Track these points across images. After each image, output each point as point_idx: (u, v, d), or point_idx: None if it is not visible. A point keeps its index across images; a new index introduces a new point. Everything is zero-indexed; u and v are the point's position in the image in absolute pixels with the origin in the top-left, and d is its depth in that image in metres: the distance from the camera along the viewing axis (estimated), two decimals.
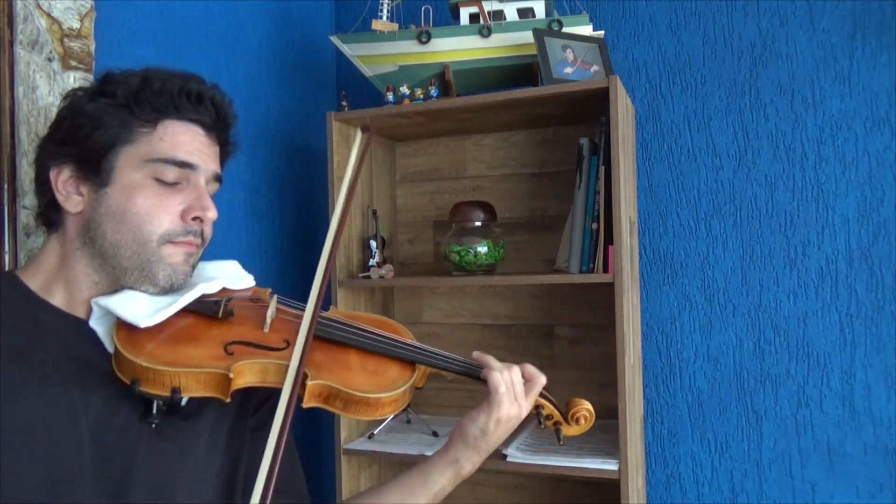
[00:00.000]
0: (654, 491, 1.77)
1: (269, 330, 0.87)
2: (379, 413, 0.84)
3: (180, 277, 0.85)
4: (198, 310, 0.85)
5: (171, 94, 0.84)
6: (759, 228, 1.69)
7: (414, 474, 0.94)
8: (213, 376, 0.78)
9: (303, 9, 2.00)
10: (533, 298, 1.85)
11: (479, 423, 0.89)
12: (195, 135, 0.86)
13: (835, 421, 1.62)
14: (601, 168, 1.49)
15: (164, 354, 0.78)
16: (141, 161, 0.82)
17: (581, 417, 0.96)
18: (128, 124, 0.82)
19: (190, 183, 0.85)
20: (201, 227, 0.86)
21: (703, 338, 1.74)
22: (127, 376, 0.77)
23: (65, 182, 0.83)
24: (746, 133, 1.70)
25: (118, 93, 0.83)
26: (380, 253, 1.73)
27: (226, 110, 0.90)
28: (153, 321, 0.79)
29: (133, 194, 0.81)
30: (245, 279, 0.97)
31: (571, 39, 1.57)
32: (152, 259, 0.82)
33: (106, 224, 0.81)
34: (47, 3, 1.17)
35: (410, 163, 1.99)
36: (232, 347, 0.82)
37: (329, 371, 0.83)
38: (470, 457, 0.92)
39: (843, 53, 1.63)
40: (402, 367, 0.90)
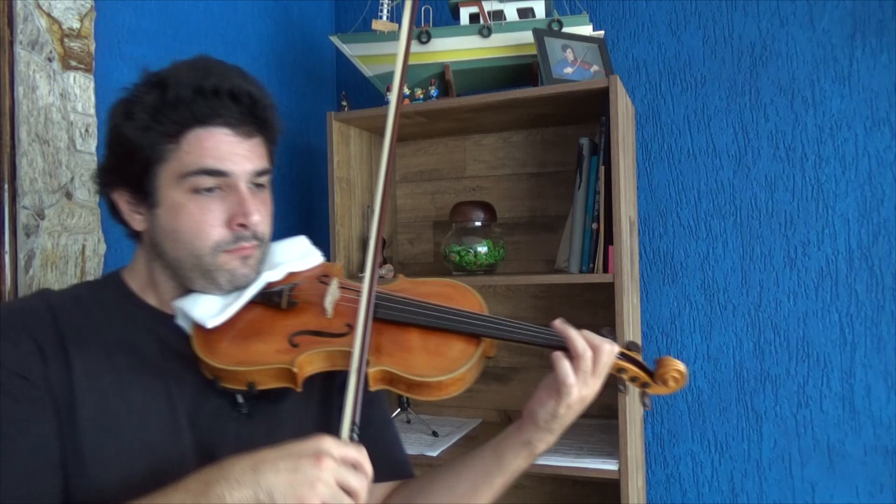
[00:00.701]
0: (654, 491, 1.77)
1: (331, 315, 0.87)
2: (444, 393, 0.82)
3: (241, 280, 0.87)
4: (264, 301, 0.88)
5: (186, 104, 0.81)
6: (759, 228, 1.69)
7: (488, 455, 0.91)
8: (280, 371, 0.80)
9: (303, 9, 2.00)
10: (533, 298, 1.85)
11: (549, 409, 0.84)
12: (221, 137, 0.83)
13: (835, 421, 1.62)
14: (601, 168, 1.49)
15: (235, 353, 0.82)
16: (176, 178, 0.82)
17: (670, 378, 0.85)
18: (155, 144, 0.82)
19: (230, 188, 0.84)
20: (251, 231, 0.85)
21: (703, 338, 1.74)
22: (208, 374, 0.82)
23: (126, 204, 0.87)
24: (746, 133, 1.70)
25: (139, 115, 0.82)
26: (380, 253, 1.73)
27: (249, 98, 0.85)
28: (219, 320, 0.84)
29: (178, 213, 0.83)
30: (312, 256, 0.98)
31: (571, 39, 1.57)
32: (211, 268, 0.84)
33: (164, 242, 0.85)
34: (47, 3, 1.17)
35: (410, 163, 1.99)
36: (297, 339, 0.83)
37: (389, 355, 0.82)
38: (542, 437, 0.87)
39: (843, 53, 1.63)
40: (465, 342, 0.85)
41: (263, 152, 0.89)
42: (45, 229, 1.16)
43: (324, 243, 1.73)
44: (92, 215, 1.25)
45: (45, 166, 1.16)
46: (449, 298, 0.92)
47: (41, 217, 1.15)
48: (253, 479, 0.70)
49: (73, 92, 1.22)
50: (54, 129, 1.18)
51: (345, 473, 0.70)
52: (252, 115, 0.86)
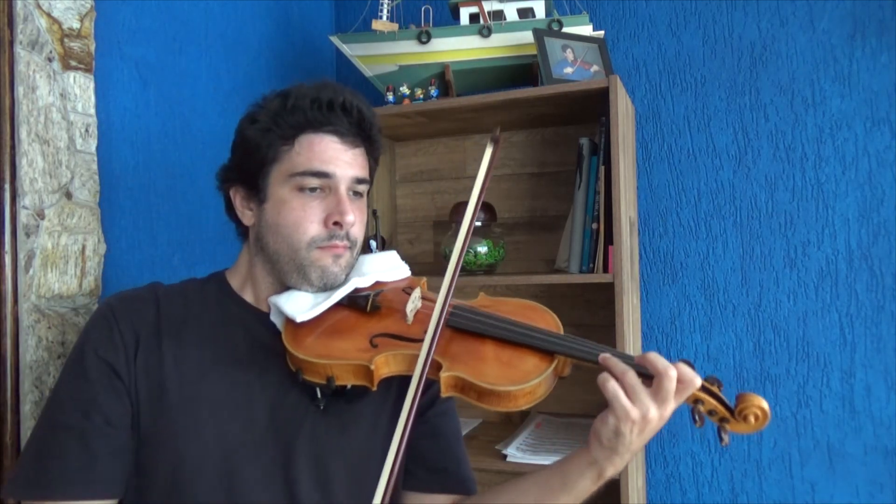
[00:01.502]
0: (654, 491, 1.77)
1: (412, 321, 0.91)
2: (513, 405, 0.82)
3: (331, 278, 0.93)
4: (350, 304, 0.94)
5: (303, 111, 0.91)
6: (759, 228, 1.69)
7: (554, 472, 0.90)
8: (358, 367, 0.85)
9: (303, 9, 2.00)
10: (533, 298, 1.83)
11: (610, 426, 0.80)
12: (330, 143, 0.92)
13: (835, 421, 1.62)
14: (601, 168, 1.49)
15: (318, 347, 0.87)
16: (285, 176, 0.91)
17: (751, 415, 0.80)
18: (273, 145, 0.92)
19: (331, 190, 0.92)
20: (344, 230, 0.92)
21: (703, 338, 1.74)
22: (293, 366, 0.88)
23: (240, 201, 0.97)
24: (746, 133, 1.70)
25: (262, 118, 0.93)
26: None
27: (358, 113, 0.94)
28: (308, 316, 0.90)
29: (282, 208, 0.91)
30: (400, 269, 1.04)
31: (571, 39, 1.57)
32: (304, 263, 0.92)
33: (268, 235, 0.93)
34: (47, 3, 1.17)
35: (410, 163, 1.99)
36: (377, 340, 0.88)
37: (463, 363, 0.85)
38: (609, 457, 0.83)
39: (843, 53, 1.63)
40: (539, 358, 0.87)
41: (365, 163, 0.98)
42: (45, 229, 1.16)
43: None
44: (92, 215, 1.25)
45: (45, 166, 1.16)
46: (527, 318, 0.94)
47: (41, 217, 1.15)
48: None
49: (73, 92, 1.22)
50: (54, 129, 1.18)
51: None
52: (359, 128, 0.95)
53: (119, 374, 0.86)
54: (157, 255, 1.41)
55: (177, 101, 1.49)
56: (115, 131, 1.33)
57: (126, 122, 1.36)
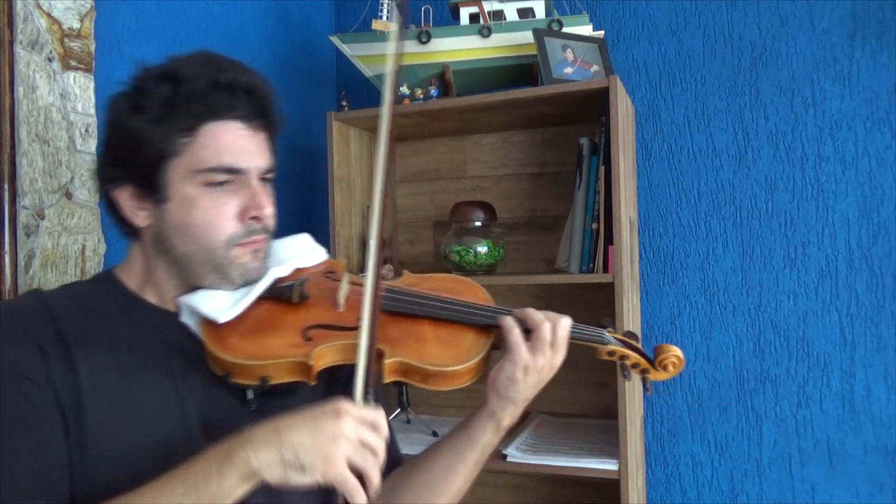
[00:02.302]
0: (654, 491, 1.77)
1: (343, 308, 0.87)
2: (458, 383, 0.83)
3: (253, 274, 0.87)
4: (274, 296, 0.88)
5: (202, 97, 0.81)
6: (759, 228, 1.69)
7: (459, 432, 0.93)
8: (295, 364, 0.80)
9: (303, 9, 2.00)
10: (533, 298, 1.85)
11: (506, 372, 0.86)
12: (236, 132, 0.84)
13: (835, 421, 1.62)
14: (601, 168, 1.49)
15: (248, 347, 0.81)
16: (190, 172, 0.82)
17: (669, 364, 0.91)
18: (168, 137, 0.81)
19: (242, 182, 0.85)
20: (262, 223, 0.87)
21: (703, 338, 1.74)
22: (218, 370, 0.82)
23: (128, 200, 0.85)
24: (746, 133, 1.70)
25: (152, 107, 0.81)
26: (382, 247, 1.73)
27: (261, 93, 0.87)
28: (231, 315, 0.83)
29: (190, 208, 0.83)
30: (317, 253, 0.99)
31: (571, 39, 1.57)
32: (223, 263, 0.85)
33: (174, 237, 0.84)
34: (47, 3, 1.17)
35: (410, 163, 1.99)
36: (310, 332, 0.84)
37: (404, 346, 0.83)
38: (505, 407, 0.89)
39: (843, 53, 1.63)
40: (477, 333, 0.87)
41: (270, 147, 0.90)
42: (45, 229, 1.16)
43: (324, 243, 1.72)
44: (92, 215, 1.25)
45: (45, 166, 1.16)
46: (457, 292, 0.93)
47: (41, 217, 1.15)
48: (276, 440, 0.70)
49: (73, 92, 1.22)
50: (54, 129, 1.18)
51: (364, 431, 0.72)
52: (262, 110, 0.87)
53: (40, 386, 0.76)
54: None
55: None
56: None
57: None
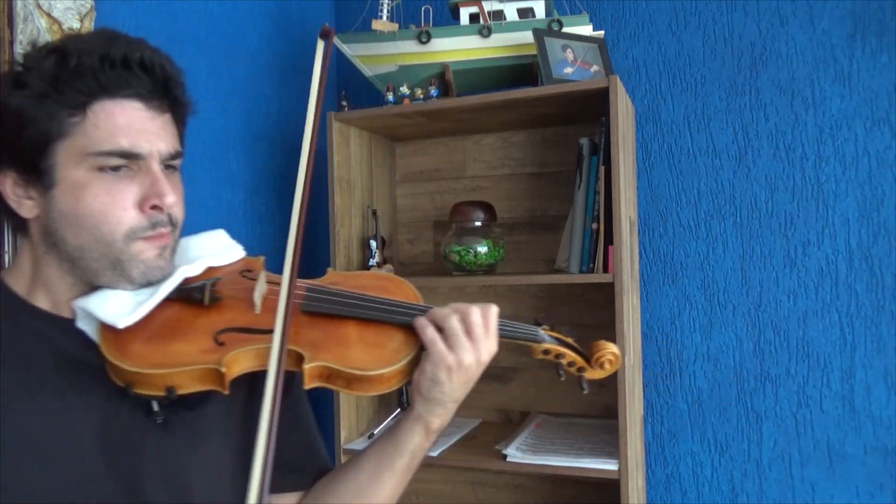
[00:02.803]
0: (654, 491, 1.77)
1: (260, 310, 0.80)
2: (385, 387, 0.78)
3: (156, 273, 0.78)
4: (182, 297, 0.79)
5: (92, 72, 0.72)
6: (759, 228, 1.69)
7: (385, 439, 0.88)
8: (206, 372, 0.73)
9: (303, 9, 2.00)
10: (533, 298, 1.85)
11: (427, 374, 0.79)
12: (133, 112, 0.74)
13: (835, 421, 1.62)
14: (601, 168, 1.49)
15: (152, 355, 0.73)
16: (81, 155, 0.73)
17: (605, 361, 0.87)
18: (55, 116, 0.72)
19: (141, 168, 0.75)
20: (166, 214, 0.77)
21: (703, 338, 1.74)
22: (119, 380, 0.73)
23: (13, 188, 0.76)
24: (746, 133, 1.70)
25: (34, 83, 0.72)
26: (380, 253, 1.73)
27: (163, 70, 0.77)
28: (132, 319, 0.74)
29: (81, 194, 0.73)
30: (233, 251, 0.90)
31: (571, 39, 1.57)
32: (122, 258, 0.75)
33: (64, 229, 0.74)
34: (47, 3, 1.17)
35: (410, 163, 1.99)
36: (223, 337, 0.76)
37: (326, 349, 0.77)
38: (432, 409, 0.82)
39: (843, 53, 1.63)
40: (405, 333, 0.82)
41: (175, 132, 0.82)
42: None
43: (324, 243, 1.73)
44: None
45: None
46: (385, 291, 0.88)
47: None
48: None
49: None
50: None
51: None
52: (164, 89, 0.77)
53: None
54: None
55: None
56: None
57: None
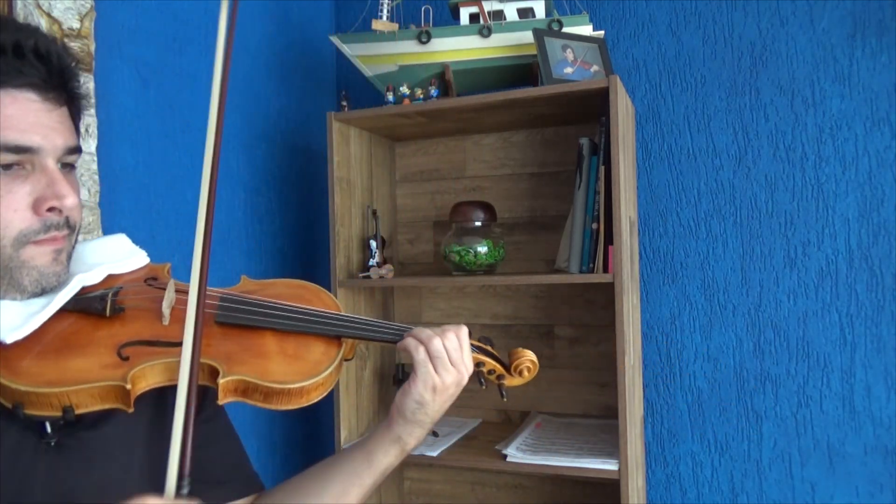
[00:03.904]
0: (654, 491, 1.77)
1: (169, 321, 0.75)
2: (305, 401, 0.75)
3: (52, 279, 0.71)
4: (80, 308, 0.73)
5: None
6: (759, 228, 1.69)
7: (357, 455, 0.86)
8: (109, 389, 0.67)
9: (303, 9, 2.00)
10: (533, 298, 1.85)
11: (415, 396, 0.81)
12: (27, 104, 0.67)
13: (835, 421, 1.62)
14: (601, 168, 1.49)
15: (46, 372, 0.66)
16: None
17: (524, 369, 0.89)
18: None
19: (34, 166, 0.68)
20: (63, 217, 0.70)
21: (703, 338, 1.74)
22: (7, 401, 0.66)
23: None
24: (746, 133, 1.70)
25: None
26: (380, 253, 1.73)
27: (58, 59, 0.70)
28: (21, 333, 0.67)
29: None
30: (136, 257, 0.84)
31: (571, 39, 1.57)
32: (12, 265, 0.68)
33: None
34: (47, 3, 1.17)
35: (410, 163, 1.99)
36: (127, 350, 0.70)
37: (243, 362, 0.73)
38: (412, 431, 0.84)
39: (843, 53, 1.63)
40: (326, 344, 0.79)
41: (72, 126, 0.74)
42: None
43: (324, 243, 1.73)
44: (92, 215, 1.24)
45: None
46: (302, 299, 0.85)
47: None
48: None
49: None
50: None
51: None
52: (61, 80, 0.71)
53: None
54: (157, 255, 1.40)
55: (177, 101, 1.49)
56: (115, 131, 1.33)
57: (126, 122, 1.36)
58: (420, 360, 0.81)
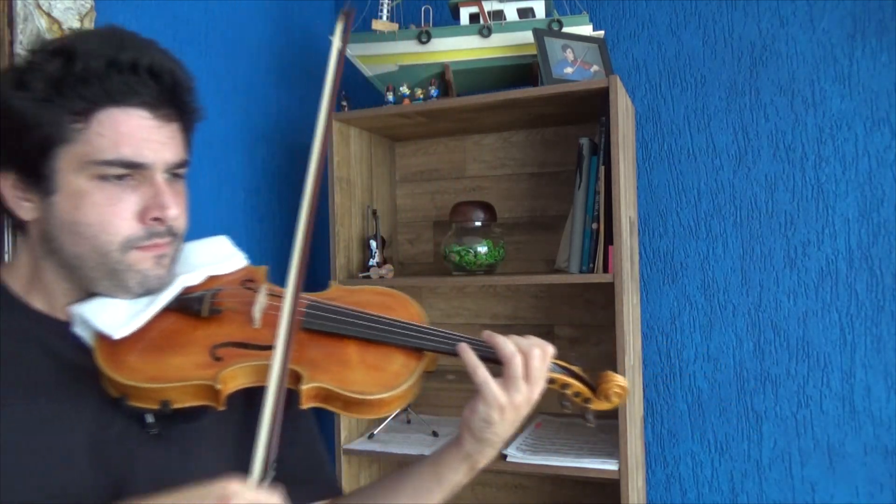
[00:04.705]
0: (654, 491, 1.77)
1: (260, 325, 0.78)
2: (384, 411, 0.76)
3: (154, 283, 0.76)
4: (180, 308, 0.78)
5: (98, 78, 0.70)
6: (759, 228, 1.69)
7: (426, 471, 0.86)
8: (201, 388, 0.71)
9: (303, 9, 2.00)
10: (533, 298, 1.85)
11: (481, 414, 0.78)
12: (139, 121, 0.72)
13: (835, 421, 1.62)
14: (601, 168, 1.49)
15: (147, 368, 0.71)
16: (82, 163, 0.71)
17: (612, 394, 0.82)
18: (57, 121, 0.70)
19: (144, 178, 0.74)
20: (166, 225, 0.76)
21: (703, 338, 1.74)
22: (113, 392, 0.71)
23: (11, 189, 0.74)
24: (746, 133, 1.70)
25: (37, 85, 0.70)
26: (380, 253, 1.73)
27: (171, 76, 0.75)
28: (128, 330, 0.73)
29: (80, 203, 0.71)
30: (235, 259, 0.88)
31: (571, 39, 1.57)
32: (119, 268, 0.74)
33: (62, 236, 0.73)
34: (47, 3, 1.17)
35: (410, 163, 1.99)
36: (220, 351, 0.74)
37: (325, 370, 0.75)
38: (482, 450, 0.82)
39: (843, 53, 1.63)
40: (407, 356, 0.80)
41: (182, 140, 0.79)
42: None
43: (324, 243, 1.73)
44: None
45: None
46: (388, 308, 0.85)
47: None
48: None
49: None
50: None
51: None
52: (172, 96, 0.75)
53: None
54: None
55: None
56: None
57: None
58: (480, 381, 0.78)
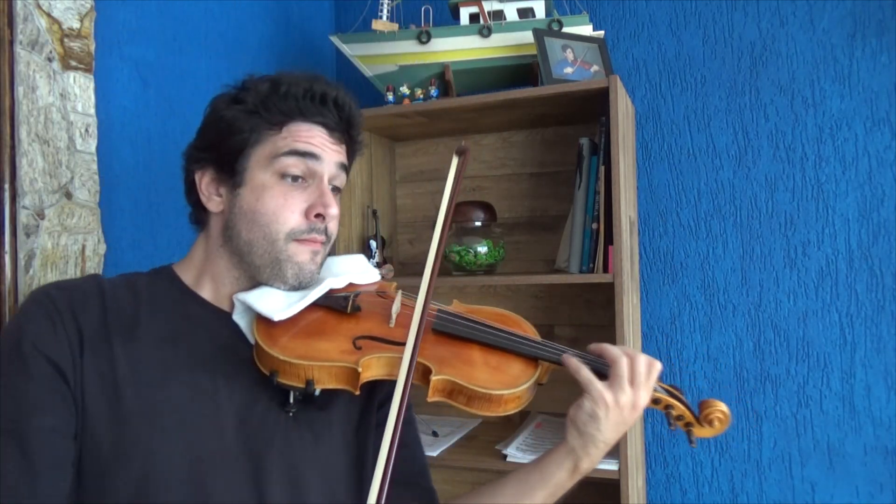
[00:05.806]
0: (654, 491, 1.77)
1: (394, 325, 0.89)
2: (501, 409, 0.84)
3: (307, 276, 0.89)
4: (327, 304, 0.90)
5: (295, 98, 0.88)
6: (759, 228, 1.69)
7: (532, 468, 0.92)
8: (343, 370, 0.81)
9: (303, 9, 2.00)
10: (533, 298, 1.85)
11: (586, 409, 0.86)
12: (318, 132, 0.89)
13: (835, 421, 1.62)
14: (601, 168, 1.49)
15: (298, 348, 0.82)
16: (268, 159, 0.87)
17: (715, 419, 0.89)
18: (257, 128, 0.87)
19: (314, 180, 0.89)
20: (325, 224, 0.89)
21: (703, 338, 1.74)
22: (266, 367, 0.82)
23: (207, 184, 0.90)
24: (746, 133, 1.70)
25: (249, 100, 0.88)
26: (380, 253, 1.73)
27: (349, 111, 0.93)
28: (286, 315, 0.85)
29: (262, 194, 0.87)
30: (371, 273, 1.01)
31: (571, 39, 1.57)
32: (281, 257, 0.87)
33: (241, 223, 0.87)
34: (47, 3, 1.17)
35: (410, 163, 1.99)
36: (360, 342, 0.85)
37: (452, 366, 0.84)
38: (585, 445, 0.87)
39: (843, 53, 1.63)
40: (524, 363, 0.89)
41: (346, 159, 0.95)
42: (45, 229, 1.16)
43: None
44: (92, 215, 1.24)
45: (45, 166, 1.16)
46: (505, 324, 0.94)
47: (41, 217, 1.15)
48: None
49: (73, 92, 1.22)
50: (54, 129, 1.18)
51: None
52: (347, 125, 0.93)
53: (64, 375, 0.77)
54: (157, 255, 1.41)
55: (177, 101, 1.49)
56: (115, 131, 1.33)
57: (126, 122, 1.36)
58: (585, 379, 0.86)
